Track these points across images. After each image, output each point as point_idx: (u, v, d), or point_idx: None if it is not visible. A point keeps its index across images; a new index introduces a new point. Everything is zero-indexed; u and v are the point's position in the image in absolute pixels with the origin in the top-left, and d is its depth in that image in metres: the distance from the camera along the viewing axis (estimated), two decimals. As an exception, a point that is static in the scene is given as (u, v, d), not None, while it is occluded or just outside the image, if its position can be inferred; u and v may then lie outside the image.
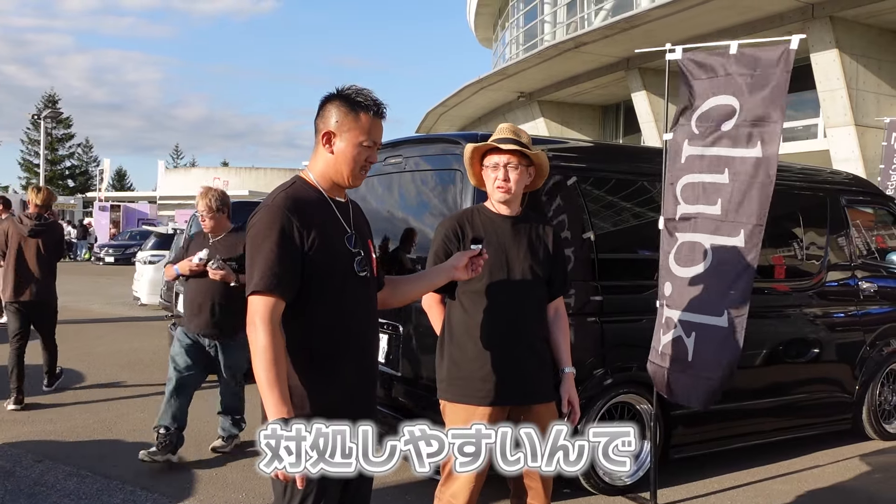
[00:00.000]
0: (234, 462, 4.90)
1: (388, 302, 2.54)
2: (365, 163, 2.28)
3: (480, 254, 2.60)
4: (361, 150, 2.26)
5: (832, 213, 5.55)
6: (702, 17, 16.49)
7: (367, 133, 2.25)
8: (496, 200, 3.05)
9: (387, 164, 4.84)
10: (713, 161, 3.91)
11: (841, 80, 15.68)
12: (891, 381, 5.78)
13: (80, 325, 10.99)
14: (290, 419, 2.05)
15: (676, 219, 4.01)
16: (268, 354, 2.07)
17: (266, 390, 2.07)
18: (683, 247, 3.97)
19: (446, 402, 3.02)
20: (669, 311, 4.02)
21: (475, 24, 33.93)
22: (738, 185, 3.84)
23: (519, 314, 2.99)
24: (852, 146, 15.87)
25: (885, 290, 5.77)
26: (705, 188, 3.93)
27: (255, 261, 2.15)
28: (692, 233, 3.95)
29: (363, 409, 2.30)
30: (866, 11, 15.37)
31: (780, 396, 5.12)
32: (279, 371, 2.08)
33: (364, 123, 2.25)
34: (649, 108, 20.65)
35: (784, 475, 4.90)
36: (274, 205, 2.19)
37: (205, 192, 4.98)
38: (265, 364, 2.07)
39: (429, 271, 2.74)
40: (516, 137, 3.03)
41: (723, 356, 3.84)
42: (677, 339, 3.98)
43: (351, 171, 2.27)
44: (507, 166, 2.99)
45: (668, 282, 4.03)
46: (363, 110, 2.25)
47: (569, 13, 25.33)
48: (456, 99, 27.53)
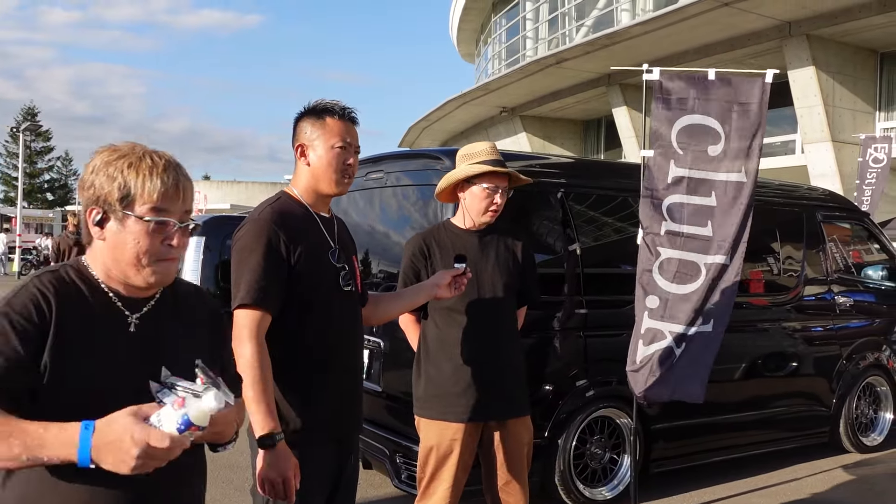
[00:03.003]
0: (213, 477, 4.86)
1: (370, 319, 2.55)
2: (344, 166, 2.27)
3: (464, 273, 2.61)
4: (336, 154, 2.25)
5: (809, 228, 5.63)
6: (681, 34, 16.71)
7: (338, 135, 2.25)
8: (483, 222, 3.03)
9: (368, 178, 4.85)
10: (700, 183, 4.05)
11: (818, 97, 15.93)
12: (867, 394, 5.84)
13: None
14: (277, 434, 2.05)
15: (661, 234, 4.07)
16: (255, 369, 2.07)
17: (253, 406, 2.06)
18: (671, 263, 4.03)
19: (421, 418, 3.03)
20: (657, 322, 4.06)
21: (458, 40, 34.14)
22: (723, 208, 4.01)
23: (491, 329, 3.00)
24: (829, 162, 16.11)
25: (860, 305, 5.84)
26: (695, 209, 4.04)
27: (242, 274, 2.15)
28: (681, 250, 4.04)
29: (349, 425, 2.31)
30: (842, 30, 15.66)
31: (759, 410, 5.16)
32: (266, 386, 2.08)
33: (332, 126, 2.26)
34: (630, 124, 20.84)
35: (763, 488, 4.93)
36: (261, 219, 2.20)
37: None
38: (252, 379, 2.06)
39: (410, 289, 2.74)
40: (501, 159, 3.03)
41: (708, 356, 4.06)
42: (667, 349, 4.05)
43: (331, 177, 2.26)
44: (503, 190, 2.99)
45: (652, 295, 4.08)
46: (329, 115, 2.27)
47: (550, 29, 25.57)
48: (439, 113, 27.64)
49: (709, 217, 4.02)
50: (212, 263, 6.91)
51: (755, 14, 15.43)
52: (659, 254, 4.06)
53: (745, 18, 15.70)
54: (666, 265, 4.05)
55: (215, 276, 6.88)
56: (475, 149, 3.05)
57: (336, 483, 2.27)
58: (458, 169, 3.04)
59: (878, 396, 5.92)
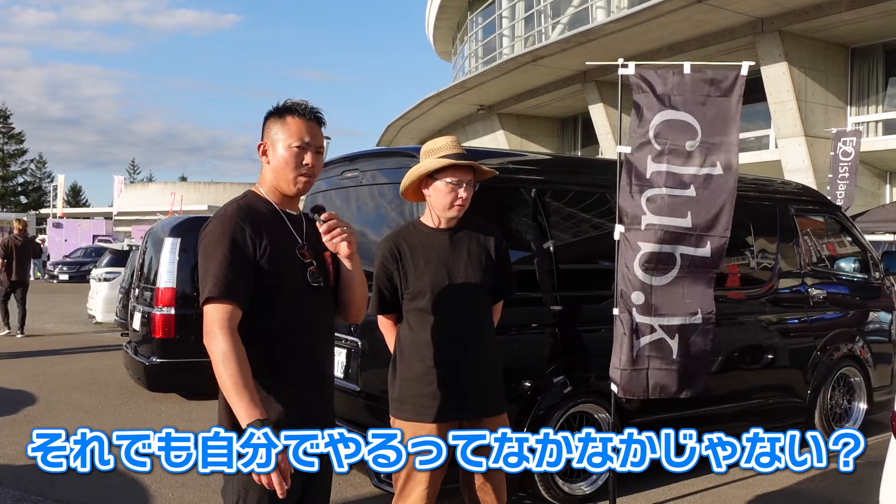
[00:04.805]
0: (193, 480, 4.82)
1: (343, 314, 2.49)
2: (302, 166, 2.25)
3: (326, 224, 2.27)
4: (294, 153, 2.24)
5: (782, 222, 5.69)
6: (656, 31, 16.84)
7: (296, 135, 2.24)
8: (449, 217, 3.01)
9: (344, 177, 4.83)
10: (679, 178, 4.08)
11: (790, 93, 16.12)
12: (841, 385, 5.92)
13: (32, 345, 10.72)
14: (265, 420, 2.03)
15: (642, 228, 4.08)
16: (231, 361, 2.04)
17: (234, 397, 2.03)
18: (652, 256, 4.05)
19: (396, 419, 3.02)
20: (644, 317, 4.08)
21: (434, 38, 34.12)
22: (704, 201, 4.05)
23: (465, 328, 2.99)
24: (802, 156, 16.31)
25: (833, 297, 5.92)
26: (674, 201, 4.05)
27: (208, 269, 2.13)
28: (659, 243, 4.04)
29: (317, 423, 2.28)
30: (813, 26, 15.85)
31: (737, 402, 5.20)
32: (245, 376, 2.05)
33: (291, 125, 2.25)
34: (606, 121, 20.97)
35: (740, 480, 4.97)
36: (226, 214, 2.20)
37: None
38: (230, 370, 2.03)
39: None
40: (464, 152, 3.02)
41: (705, 345, 4.16)
42: (659, 342, 4.10)
43: (288, 176, 2.25)
44: (467, 184, 2.96)
45: (637, 291, 4.09)
46: (290, 114, 2.27)
47: (526, 27, 25.63)
48: (416, 112, 27.63)
49: (688, 208, 4.05)
50: (188, 265, 6.86)
51: (728, 10, 15.59)
52: (639, 248, 4.08)
53: (719, 15, 15.85)
54: (646, 259, 4.07)
55: (191, 277, 6.83)
56: (437, 144, 3.03)
57: (307, 483, 2.25)
58: (419, 164, 3.02)
59: (852, 387, 6.00)
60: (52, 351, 10.35)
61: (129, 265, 10.80)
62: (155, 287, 6.89)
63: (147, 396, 7.20)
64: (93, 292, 13.18)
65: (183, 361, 6.65)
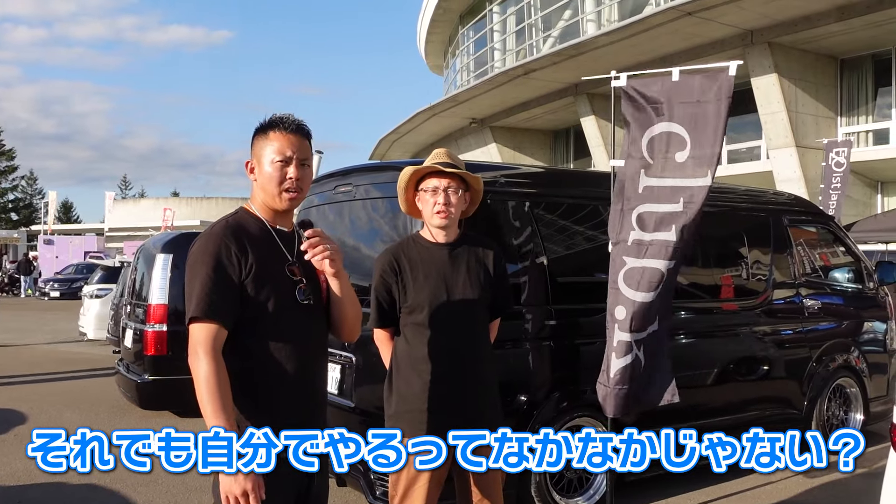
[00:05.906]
0: (183, 499, 4.77)
1: (336, 333, 2.45)
2: (286, 180, 2.23)
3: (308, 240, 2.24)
4: (277, 167, 2.23)
5: (776, 232, 5.69)
6: (646, 43, 16.93)
7: (278, 150, 2.23)
8: (434, 226, 3.00)
9: (337, 192, 4.82)
10: (669, 191, 4.03)
11: (781, 104, 16.21)
12: (837, 396, 5.90)
13: (23, 364, 10.63)
14: None
15: (629, 243, 4.06)
16: (212, 383, 2.03)
17: (211, 418, 2.02)
18: (635, 272, 4.02)
19: None
20: (623, 334, 4.04)
21: (426, 52, 34.24)
22: (690, 214, 3.97)
23: (462, 343, 2.97)
24: (794, 167, 16.38)
25: (828, 307, 5.91)
26: (663, 217, 4.02)
27: (193, 288, 2.13)
28: (646, 258, 4.01)
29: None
30: (802, 38, 15.97)
31: (733, 414, 5.17)
32: (224, 400, 2.04)
33: (274, 140, 2.24)
34: (598, 133, 21.04)
35: (738, 493, 4.94)
36: (212, 233, 2.19)
37: None
38: (210, 393, 2.03)
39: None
40: (454, 162, 3.02)
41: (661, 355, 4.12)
42: (635, 359, 4.04)
43: (273, 191, 2.24)
44: (448, 190, 2.95)
45: (621, 305, 4.06)
46: (272, 129, 2.26)
47: (518, 40, 25.75)
48: (409, 126, 27.67)
49: (673, 223, 4.00)
50: (180, 281, 6.79)
51: (718, 23, 15.69)
52: (625, 263, 4.06)
53: (708, 27, 15.95)
54: (631, 274, 4.04)
55: (184, 293, 6.76)
56: (429, 156, 3.06)
57: (302, 500, 2.22)
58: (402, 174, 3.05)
59: (848, 398, 5.98)
60: (42, 369, 10.26)
61: (121, 281, 10.74)
62: (147, 303, 6.84)
63: (139, 414, 7.13)
64: (84, 309, 13.10)
65: (175, 378, 6.57)
